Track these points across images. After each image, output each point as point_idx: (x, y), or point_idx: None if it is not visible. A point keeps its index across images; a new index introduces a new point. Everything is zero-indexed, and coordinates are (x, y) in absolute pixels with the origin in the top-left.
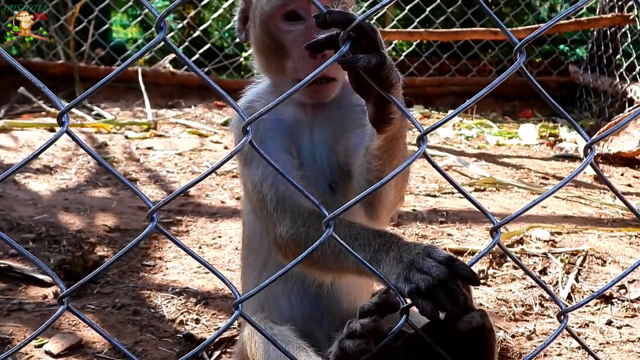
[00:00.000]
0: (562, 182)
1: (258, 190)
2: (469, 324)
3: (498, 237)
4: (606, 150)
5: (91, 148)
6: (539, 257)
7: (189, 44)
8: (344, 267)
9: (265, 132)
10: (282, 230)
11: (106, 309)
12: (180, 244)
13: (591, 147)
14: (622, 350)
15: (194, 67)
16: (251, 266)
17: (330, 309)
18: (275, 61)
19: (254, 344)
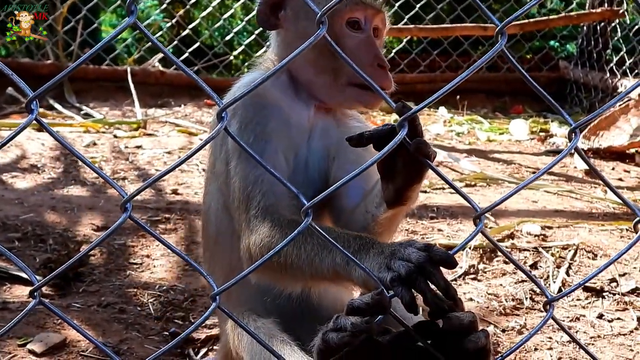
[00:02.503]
0: (545, 167)
1: (247, 190)
2: (476, 344)
3: (481, 225)
4: (597, 145)
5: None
6: (530, 251)
7: (178, 43)
8: (319, 271)
9: (272, 131)
10: (257, 238)
11: (92, 308)
12: (155, 235)
13: (575, 132)
14: (613, 344)
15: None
16: (219, 266)
17: (313, 307)
18: (326, 60)
19: (237, 336)
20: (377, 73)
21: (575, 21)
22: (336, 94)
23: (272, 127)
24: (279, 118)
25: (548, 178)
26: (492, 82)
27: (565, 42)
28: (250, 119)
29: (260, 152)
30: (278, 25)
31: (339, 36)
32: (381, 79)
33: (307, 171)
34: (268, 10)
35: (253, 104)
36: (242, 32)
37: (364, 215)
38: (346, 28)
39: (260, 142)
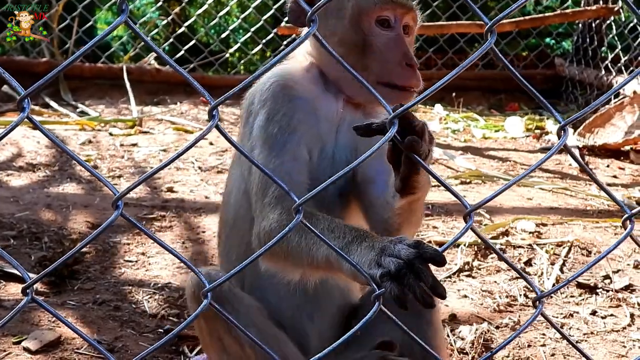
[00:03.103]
0: (535, 164)
1: (265, 178)
2: None
3: (471, 222)
4: (592, 142)
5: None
6: (524, 248)
7: (174, 41)
8: (315, 260)
9: (298, 123)
10: (267, 224)
11: (87, 305)
12: (147, 233)
13: (564, 129)
14: (606, 340)
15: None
16: (234, 249)
17: (323, 305)
18: (355, 57)
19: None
20: (405, 72)
21: (571, 18)
22: (363, 91)
23: (298, 118)
24: (306, 110)
25: (543, 175)
26: (488, 79)
27: (561, 40)
28: (277, 110)
29: (283, 144)
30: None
31: (368, 34)
32: (409, 78)
33: (334, 164)
34: (298, 8)
35: (283, 95)
36: (238, 29)
37: (385, 207)
38: (375, 26)
39: (284, 134)
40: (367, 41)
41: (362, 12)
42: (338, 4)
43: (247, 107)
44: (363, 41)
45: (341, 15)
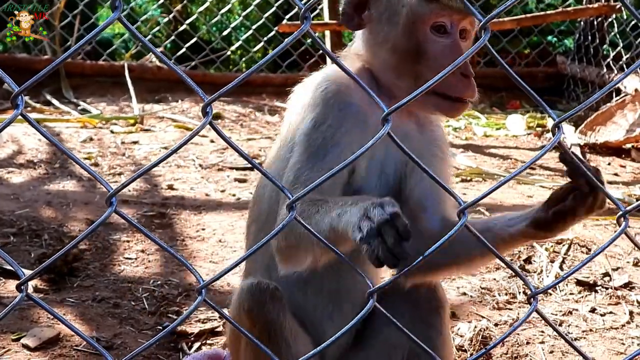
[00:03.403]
0: (528, 162)
1: (295, 187)
2: None
3: (465, 219)
4: (593, 140)
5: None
6: (524, 246)
7: (175, 38)
8: (322, 233)
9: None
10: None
11: (86, 302)
12: (141, 229)
13: (559, 126)
14: (604, 338)
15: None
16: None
17: (343, 305)
18: (408, 64)
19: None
20: (460, 82)
21: (572, 16)
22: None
23: (345, 129)
24: (356, 120)
25: (544, 173)
26: (489, 77)
27: (562, 37)
28: (325, 119)
29: (323, 156)
30: (362, 25)
31: (422, 41)
32: (464, 89)
33: (382, 175)
34: (352, 10)
35: (333, 102)
36: (240, 27)
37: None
38: (431, 33)
39: (326, 146)
40: (422, 48)
41: (417, 18)
42: (391, 10)
43: (295, 102)
44: (417, 48)
45: (395, 21)
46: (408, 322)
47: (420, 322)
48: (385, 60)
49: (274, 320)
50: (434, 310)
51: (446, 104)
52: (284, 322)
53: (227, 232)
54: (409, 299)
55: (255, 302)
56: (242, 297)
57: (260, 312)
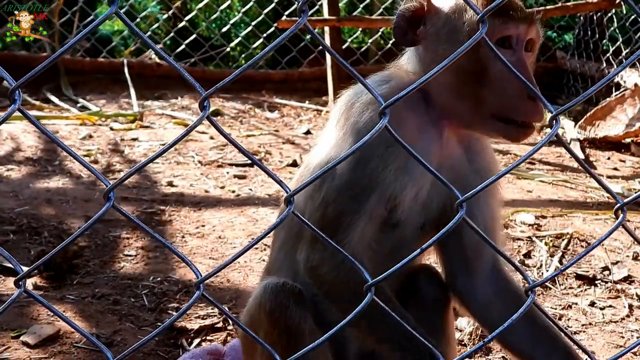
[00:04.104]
0: (524, 156)
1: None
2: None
3: (462, 213)
4: (593, 135)
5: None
6: (524, 240)
7: (175, 35)
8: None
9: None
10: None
11: (86, 299)
12: (138, 223)
13: (556, 119)
14: (604, 331)
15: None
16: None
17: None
18: (469, 85)
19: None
20: (526, 106)
21: (572, 11)
22: (477, 123)
23: (391, 168)
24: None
25: (543, 168)
26: None
27: (562, 33)
28: (371, 157)
29: (365, 199)
30: (416, 41)
31: (485, 60)
32: (531, 114)
33: (426, 209)
34: (406, 25)
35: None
36: (239, 23)
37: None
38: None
39: (368, 187)
40: (484, 70)
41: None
42: (451, 26)
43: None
44: (479, 70)
45: (455, 39)
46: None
47: (426, 320)
48: (444, 80)
49: (295, 326)
50: (439, 309)
51: (511, 129)
52: (306, 329)
53: (227, 229)
54: (414, 298)
55: (278, 304)
56: (264, 297)
57: (282, 316)
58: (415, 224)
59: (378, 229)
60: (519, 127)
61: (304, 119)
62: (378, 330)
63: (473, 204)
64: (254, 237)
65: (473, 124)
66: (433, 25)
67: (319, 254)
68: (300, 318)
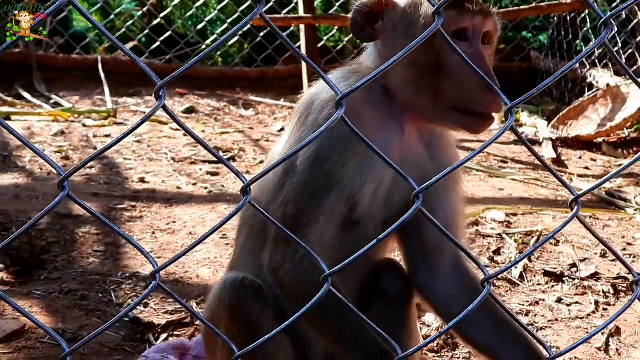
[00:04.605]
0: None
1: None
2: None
3: (419, 204)
4: (565, 134)
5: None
6: (494, 237)
7: (150, 32)
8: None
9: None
10: (278, 263)
11: (53, 295)
12: (94, 213)
13: (511, 112)
14: (570, 327)
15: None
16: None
17: None
18: (427, 79)
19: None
20: (485, 97)
21: (546, 12)
22: (437, 116)
23: (351, 165)
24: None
25: (515, 166)
26: None
27: (537, 33)
28: (330, 153)
29: (325, 196)
30: (374, 37)
31: (442, 53)
32: (489, 104)
33: (388, 205)
34: (364, 20)
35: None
36: (216, 21)
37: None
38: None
39: (328, 184)
40: (441, 63)
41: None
42: (407, 21)
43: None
44: (436, 63)
45: (411, 33)
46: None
47: (388, 316)
48: (402, 75)
49: (255, 321)
50: (403, 304)
51: (470, 120)
52: (265, 324)
53: (198, 225)
54: (378, 293)
55: (237, 300)
56: (224, 292)
57: (241, 311)
58: (377, 220)
59: (339, 227)
60: (478, 118)
61: (279, 117)
62: (332, 332)
63: (434, 199)
64: (225, 234)
65: (433, 118)
66: (390, 20)
67: (280, 255)
68: (259, 313)
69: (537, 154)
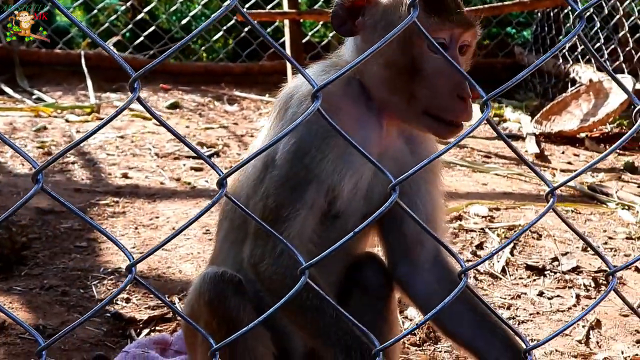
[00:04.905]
0: (453, 142)
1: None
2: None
3: (395, 196)
4: (549, 129)
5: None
6: (477, 232)
7: (133, 27)
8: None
9: (328, 163)
10: (257, 257)
11: (33, 290)
12: (68, 206)
13: (487, 104)
14: (551, 320)
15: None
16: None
17: None
18: (402, 81)
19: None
20: (455, 105)
21: (529, 7)
22: (409, 118)
23: (329, 159)
24: (341, 146)
25: (499, 161)
26: None
27: (521, 29)
28: (309, 147)
29: (304, 190)
30: (354, 32)
31: (418, 58)
32: (459, 113)
33: (368, 199)
34: (345, 15)
35: (318, 129)
36: (200, 16)
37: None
38: (427, 49)
39: (307, 177)
40: (417, 65)
41: (414, 33)
42: (387, 20)
43: (280, 108)
44: (412, 65)
45: (387, 31)
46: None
47: (368, 309)
48: (378, 73)
49: (234, 315)
50: (382, 297)
51: (439, 126)
52: (245, 319)
53: (181, 220)
54: (358, 286)
55: (216, 295)
56: (203, 287)
57: (220, 306)
58: (357, 215)
59: (319, 221)
60: (447, 125)
61: (263, 112)
62: (311, 325)
63: (414, 193)
64: (209, 229)
65: (405, 118)
66: (371, 17)
67: (260, 250)
68: (239, 308)
69: (511, 144)
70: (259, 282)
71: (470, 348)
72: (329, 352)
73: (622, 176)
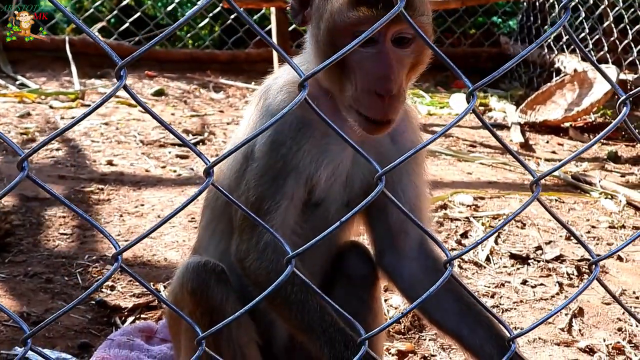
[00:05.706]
0: (440, 132)
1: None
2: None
3: (381, 186)
4: (533, 119)
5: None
6: (461, 221)
7: (119, 13)
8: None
9: (305, 154)
10: (244, 252)
11: (17, 278)
12: (53, 193)
13: (473, 94)
14: (534, 308)
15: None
16: (213, 232)
17: None
18: (333, 73)
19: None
20: (374, 103)
21: None
22: (345, 111)
23: (304, 150)
24: (316, 138)
25: (484, 150)
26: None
27: (507, 18)
28: (284, 140)
29: (283, 182)
30: (305, 22)
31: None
32: (377, 110)
33: (349, 187)
34: (298, 6)
35: (292, 121)
36: (186, 2)
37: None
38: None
39: (285, 170)
40: (343, 60)
41: (336, 25)
42: (318, 13)
43: (259, 99)
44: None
45: (320, 26)
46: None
47: (353, 297)
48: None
49: (217, 305)
50: (367, 286)
51: (365, 123)
52: (228, 308)
53: (167, 208)
54: (342, 275)
55: (199, 284)
56: (186, 276)
57: (203, 295)
58: (338, 202)
59: (301, 211)
60: (371, 122)
61: (249, 100)
62: (295, 318)
63: (398, 183)
64: (194, 217)
65: (344, 111)
66: (315, 8)
67: (245, 245)
68: (222, 297)
69: (496, 133)
70: (246, 277)
71: (455, 336)
72: (315, 345)
73: (605, 165)
